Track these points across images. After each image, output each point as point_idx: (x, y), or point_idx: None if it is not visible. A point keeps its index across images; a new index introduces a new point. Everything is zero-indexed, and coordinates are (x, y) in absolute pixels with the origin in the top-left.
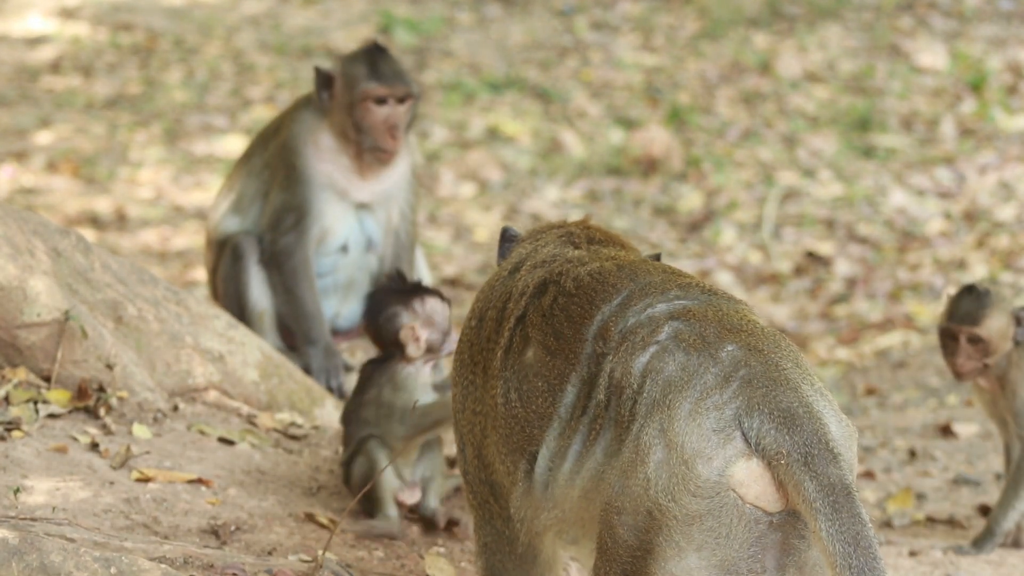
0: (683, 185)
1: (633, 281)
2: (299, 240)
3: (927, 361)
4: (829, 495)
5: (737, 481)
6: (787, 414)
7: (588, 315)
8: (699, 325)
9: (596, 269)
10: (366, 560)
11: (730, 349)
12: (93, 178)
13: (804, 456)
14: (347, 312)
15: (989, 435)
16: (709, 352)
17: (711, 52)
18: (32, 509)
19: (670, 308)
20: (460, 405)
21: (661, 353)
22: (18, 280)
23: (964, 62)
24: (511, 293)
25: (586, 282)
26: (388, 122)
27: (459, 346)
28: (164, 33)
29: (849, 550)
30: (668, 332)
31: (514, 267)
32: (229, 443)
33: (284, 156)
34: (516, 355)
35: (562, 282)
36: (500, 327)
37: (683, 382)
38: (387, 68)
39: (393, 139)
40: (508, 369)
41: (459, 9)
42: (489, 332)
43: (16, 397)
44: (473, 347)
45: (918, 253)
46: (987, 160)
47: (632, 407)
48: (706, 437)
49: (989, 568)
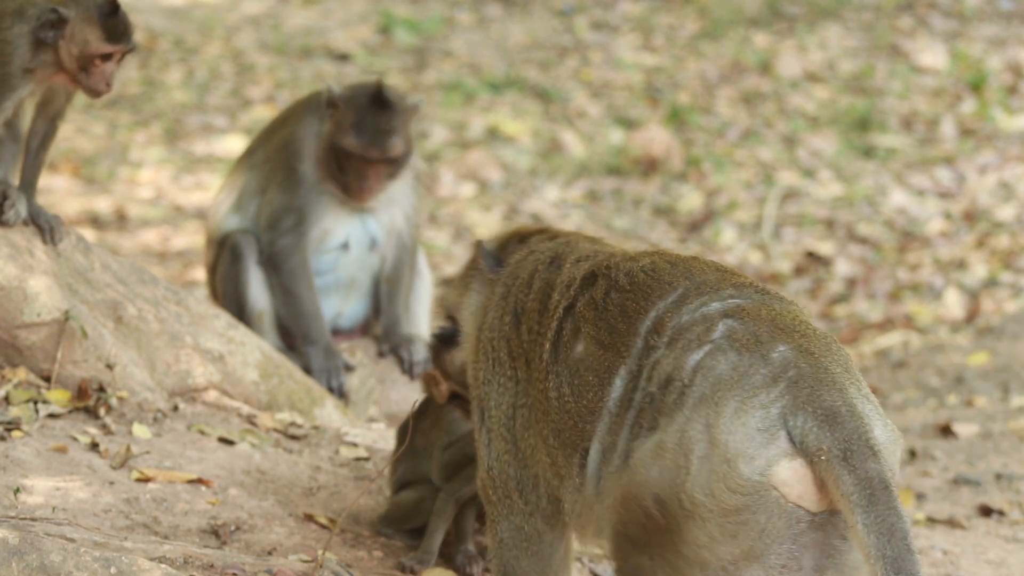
0: (683, 185)
1: (688, 279)
2: (298, 241)
3: (927, 361)
4: (866, 488)
5: (780, 480)
6: (830, 412)
7: (642, 310)
8: (752, 324)
9: (649, 265)
10: (366, 560)
11: (781, 350)
12: (93, 178)
13: (844, 452)
14: (349, 312)
15: (989, 435)
16: (761, 352)
17: (711, 52)
18: (32, 509)
19: (724, 307)
20: (494, 401)
21: (715, 352)
22: (18, 280)
23: (964, 62)
24: (554, 286)
25: (640, 278)
26: (362, 175)
27: (486, 344)
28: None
29: (883, 541)
30: (722, 331)
31: (551, 260)
32: (229, 443)
33: (285, 157)
34: (566, 348)
35: (613, 276)
36: (544, 319)
37: (732, 380)
38: (374, 126)
39: (368, 191)
40: (559, 362)
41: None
42: (531, 325)
43: (16, 397)
44: (511, 343)
45: (918, 253)
46: (987, 160)
47: (678, 399)
48: (750, 436)
49: (989, 568)
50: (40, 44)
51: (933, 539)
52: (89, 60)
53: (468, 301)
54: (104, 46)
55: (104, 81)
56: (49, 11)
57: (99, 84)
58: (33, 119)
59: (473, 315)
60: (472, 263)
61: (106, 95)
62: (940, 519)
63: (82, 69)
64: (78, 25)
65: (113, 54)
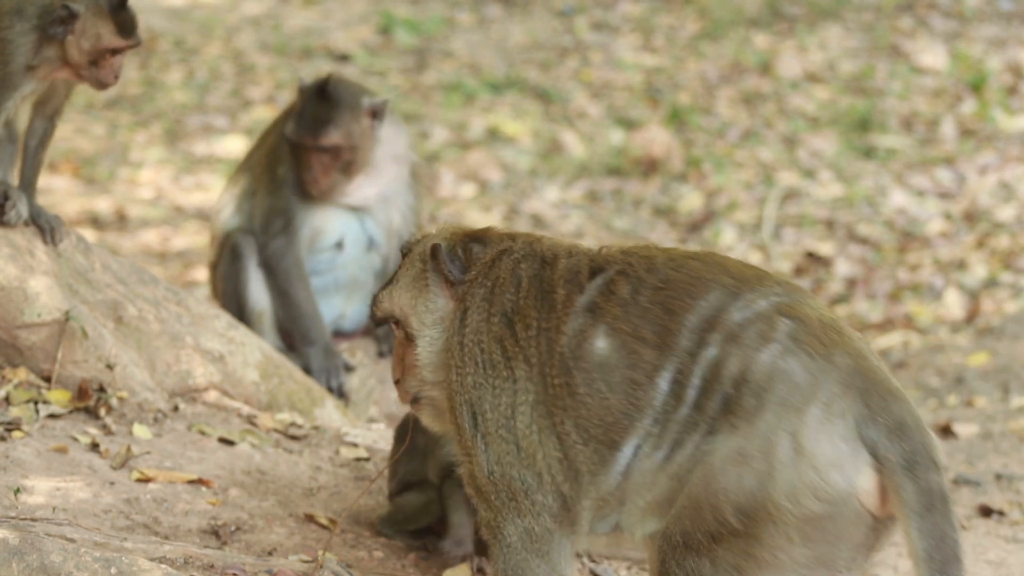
0: (683, 185)
1: (726, 274)
2: (289, 243)
3: (927, 361)
4: (926, 498)
5: (861, 489)
6: (899, 424)
7: (686, 307)
8: (807, 325)
9: (677, 262)
10: (366, 560)
11: (842, 355)
12: (93, 178)
13: (909, 463)
14: (351, 313)
15: (989, 435)
16: (827, 357)
17: (711, 52)
18: (32, 509)
19: (773, 304)
20: (489, 404)
21: (785, 354)
22: (18, 280)
23: (964, 62)
24: (554, 282)
25: (674, 276)
26: (306, 165)
27: (472, 349)
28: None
29: (933, 545)
30: (784, 330)
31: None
32: (229, 443)
33: (270, 159)
34: (588, 344)
35: (638, 273)
36: (551, 316)
37: (811, 387)
38: (314, 116)
39: (313, 181)
40: (581, 358)
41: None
42: (528, 323)
43: (16, 397)
44: (504, 343)
45: (918, 253)
46: (987, 160)
47: (758, 403)
48: (836, 445)
49: (990, 569)
50: (42, 41)
51: None
52: (101, 54)
53: (425, 306)
54: (116, 40)
55: (113, 74)
56: (60, 7)
57: (108, 77)
58: (31, 118)
59: (437, 321)
60: (423, 266)
61: (111, 87)
62: None
63: (92, 63)
64: (89, 20)
65: (124, 48)
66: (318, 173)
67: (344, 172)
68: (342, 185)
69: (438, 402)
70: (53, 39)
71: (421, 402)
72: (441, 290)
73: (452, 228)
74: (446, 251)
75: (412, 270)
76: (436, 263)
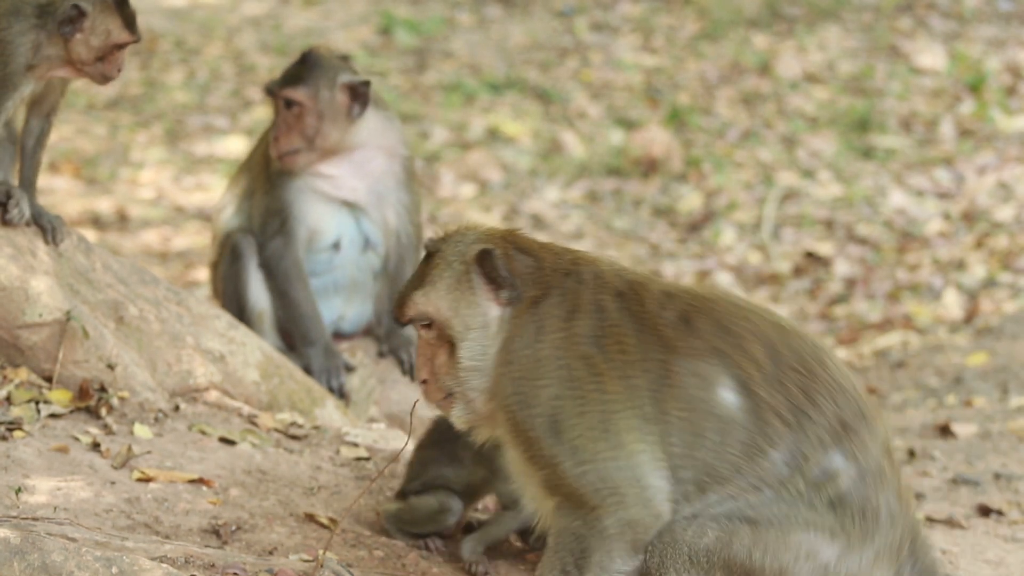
0: (683, 185)
1: (852, 385)
2: (287, 243)
3: (926, 361)
4: None
5: None
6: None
7: (824, 405)
8: (895, 469)
9: (813, 350)
10: (367, 560)
11: (906, 502)
12: (94, 179)
13: None
14: (352, 315)
15: (988, 435)
16: (906, 504)
17: (711, 53)
18: (33, 509)
19: (880, 444)
20: (575, 411)
21: (886, 494)
22: (20, 280)
23: (963, 63)
24: (644, 319)
25: (815, 368)
26: (274, 123)
27: (549, 363)
28: (165, 34)
29: None
30: (889, 478)
31: (605, 286)
32: (230, 443)
33: (265, 159)
34: (717, 391)
35: (772, 342)
36: (662, 350)
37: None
38: (289, 71)
39: (273, 140)
40: (707, 402)
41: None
42: (627, 348)
43: (18, 397)
44: (593, 360)
45: (917, 253)
46: (986, 161)
47: (852, 522)
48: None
49: (989, 568)
50: (41, 39)
51: (932, 539)
52: (109, 50)
53: (470, 311)
54: (125, 35)
55: (117, 68)
56: (71, 6)
57: (113, 72)
58: (26, 118)
59: (482, 326)
60: (464, 268)
61: (113, 81)
62: (939, 519)
63: (99, 59)
64: (99, 17)
65: (130, 42)
66: (280, 131)
67: (306, 140)
68: (306, 156)
69: (474, 403)
70: (51, 37)
71: (453, 399)
72: (488, 295)
73: (487, 231)
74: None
75: (450, 272)
76: (488, 270)
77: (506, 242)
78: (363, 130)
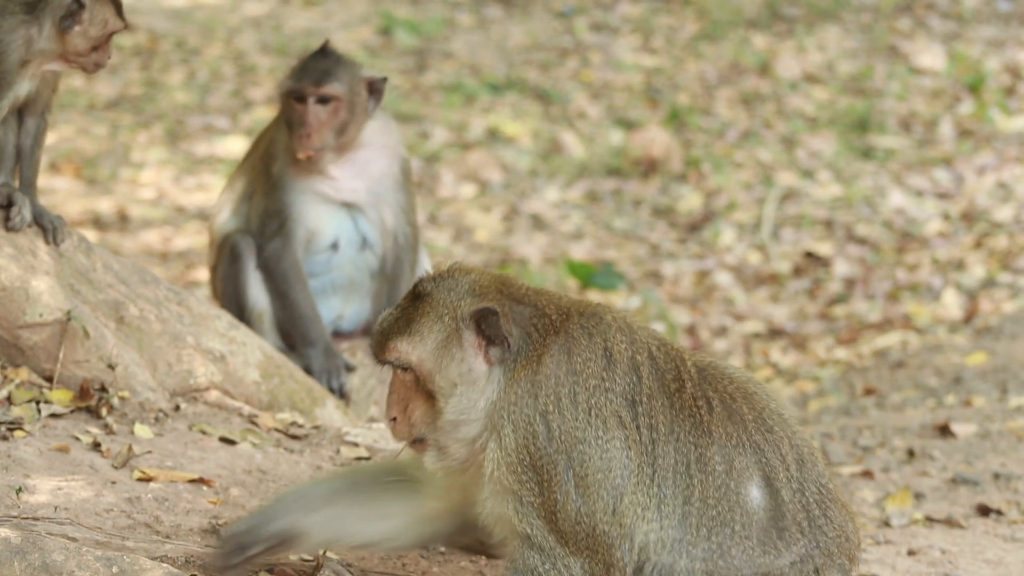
0: (683, 186)
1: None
2: (286, 244)
3: (926, 361)
4: None
5: None
6: None
7: (834, 522)
8: None
9: (824, 491)
10: (367, 559)
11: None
12: (95, 179)
13: None
14: (350, 314)
15: (987, 435)
16: None
17: (710, 53)
18: (34, 508)
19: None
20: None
21: None
22: (20, 280)
23: (962, 63)
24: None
25: (833, 494)
26: (300, 120)
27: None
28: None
29: None
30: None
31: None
32: (230, 443)
33: (264, 162)
34: (747, 486)
35: (801, 451)
36: (699, 434)
37: None
38: (312, 66)
39: (303, 138)
40: (737, 495)
41: (459, 10)
42: (656, 423)
43: (18, 397)
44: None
45: (917, 254)
46: (985, 161)
47: None
48: None
49: (988, 568)
50: (32, 34)
51: (931, 538)
52: (105, 39)
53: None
54: (118, 23)
55: (107, 55)
56: (71, 1)
57: (105, 59)
58: (22, 119)
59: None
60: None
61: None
62: (938, 518)
63: (93, 49)
64: (96, 9)
65: (122, 29)
66: (312, 128)
67: (337, 134)
68: (331, 153)
69: (450, 451)
70: (43, 31)
71: (426, 444)
72: (477, 353)
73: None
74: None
75: (440, 326)
76: (486, 329)
77: (502, 296)
78: (368, 129)
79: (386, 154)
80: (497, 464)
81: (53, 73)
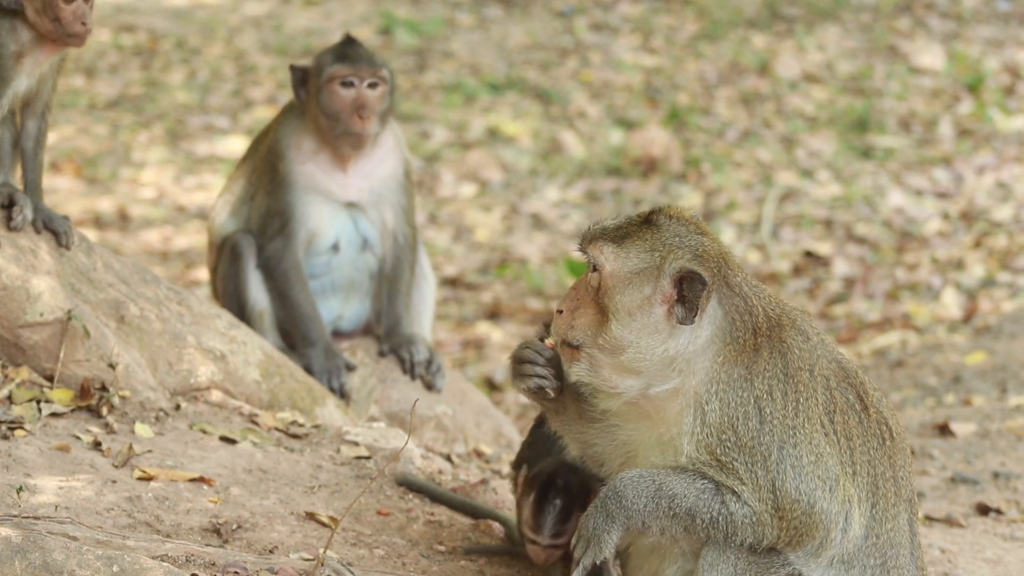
0: (682, 185)
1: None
2: (287, 244)
3: (925, 360)
4: None
5: None
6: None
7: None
8: None
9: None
10: (367, 559)
11: None
12: (96, 178)
13: None
14: (350, 314)
15: (986, 434)
16: None
17: (710, 53)
18: (35, 507)
19: None
20: (804, 440)
21: None
22: (21, 280)
23: (962, 63)
24: (853, 380)
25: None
26: (356, 103)
27: (782, 395)
28: (166, 34)
29: None
30: None
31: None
32: (231, 442)
33: (269, 161)
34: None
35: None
36: (867, 413)
37: None
38: (354, 52)
39: (361, 119)
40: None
41: (460, 10)
42: (853, 443)
43: (19, 396)
44: (826, 407)
45: (916, 253)
46: (985, 160)
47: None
48: None
49: (987, 567)
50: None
51: (931, 537)
52: (54, 7)
53: (641, 308)
54: None
55: (79, 21)
56: None
57: (75, 27)
58: (22, 119)
59: (646, 326)
60: (660, 264)
61: (85, 37)
62: (938, 518)
63: (53, 20)
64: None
65: None
66: (369, 112)
67: (380, 119)
68: (371, 136)
69: (602, 371)
70: (17, 20)
71: (579, 353)
72: (664, 303)
73: (707, 245)
74: (703, 294)
75: (648, 257)
76: (684, 290)
77: (718, 273)
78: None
79: (394, 155)
80: (693, 434)
81: (52, 69)
